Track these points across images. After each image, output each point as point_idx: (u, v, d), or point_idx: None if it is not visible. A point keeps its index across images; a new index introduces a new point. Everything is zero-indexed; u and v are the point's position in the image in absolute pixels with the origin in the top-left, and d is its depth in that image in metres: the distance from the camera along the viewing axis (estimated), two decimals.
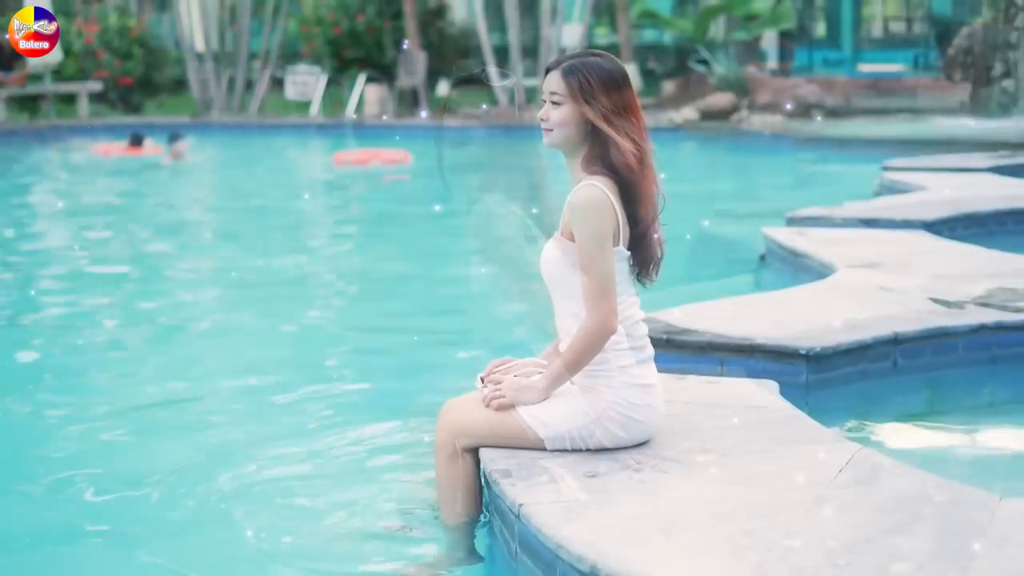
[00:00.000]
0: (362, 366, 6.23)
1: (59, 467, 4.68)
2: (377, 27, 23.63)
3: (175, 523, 4.14)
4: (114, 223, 11.84)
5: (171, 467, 4.64)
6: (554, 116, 3.65)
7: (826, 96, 19.19)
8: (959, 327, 5.31)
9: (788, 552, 2.98)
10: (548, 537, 3.14)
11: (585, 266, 3.58)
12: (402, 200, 13.35)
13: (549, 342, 4.05)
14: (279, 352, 6.60)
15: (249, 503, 4.25)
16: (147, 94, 24.15)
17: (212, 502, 4.28)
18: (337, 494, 4.29)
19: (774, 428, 3.94)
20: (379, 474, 4.49)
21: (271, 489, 4.37)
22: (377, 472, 4.52)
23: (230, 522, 4.09)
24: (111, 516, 4.23)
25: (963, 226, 8.38)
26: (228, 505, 4.23)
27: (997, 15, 17.13)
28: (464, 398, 3.94)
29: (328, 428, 5.11)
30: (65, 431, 5.15)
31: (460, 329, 7.01)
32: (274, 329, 7.15)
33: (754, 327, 5.21)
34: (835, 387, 5.03)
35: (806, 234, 7.70)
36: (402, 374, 6.01)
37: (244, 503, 4.25)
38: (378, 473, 4.51)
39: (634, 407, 3.69)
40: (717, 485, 3.44)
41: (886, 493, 3.35)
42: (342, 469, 4.58)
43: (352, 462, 4.66)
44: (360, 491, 4.29)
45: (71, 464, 4.71)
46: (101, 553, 3.99)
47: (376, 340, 6.81)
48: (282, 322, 7.29)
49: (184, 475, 4.55)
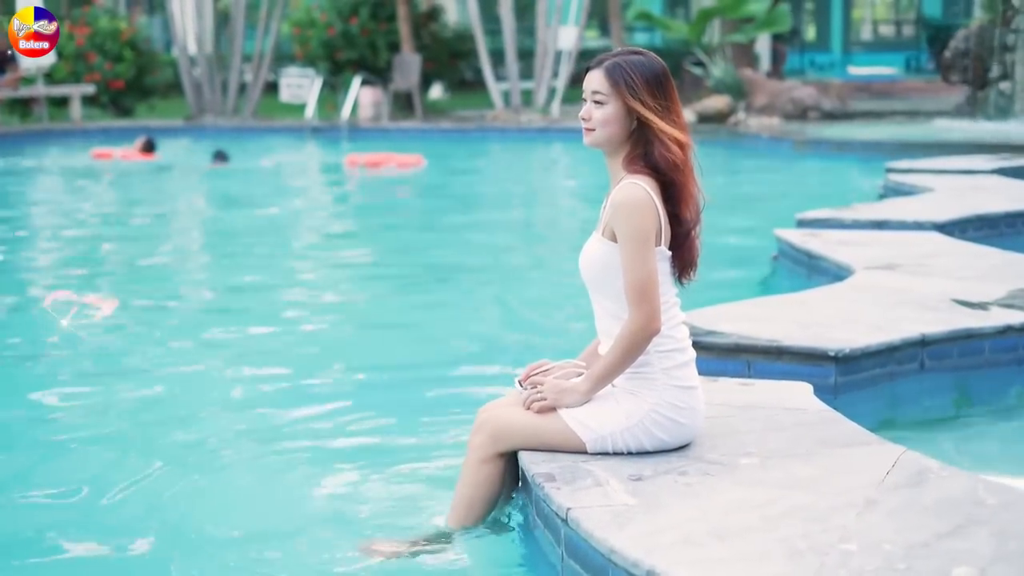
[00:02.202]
0: (382, 370, 6.18)
1: (73, 474, 4.63)
2: (371, 29, 23.56)
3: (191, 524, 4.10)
4: (156, 227, 11.76)
5: (187, 468, 4.61)
6: (597, 115, 3.61)
7: (822, 99, 19.16)
8: (986, 328, 5.28)
9: (846, 556, 2.94)
10: (600, 541, 3.09)
11: (627, 266, 3.54)
12: (423, 204, 13.28)
13: (582, 345, 4.01)
14: (307, 351, 6.60)
15: (264, 499, 4.28)
16: (138, 97, 24.05)
17: (227, 502, 4.26)
18: (348, 501, 4.25)
19: (815, 430, 3.90)
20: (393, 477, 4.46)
21: (291, 489, 4.33)
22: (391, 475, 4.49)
23: (244, 521, 4.06)
24: (118, 519, 4.18)
25: (974, 227, 8.36)
26: (241, 502, 4.20)
27: (995, 17, 17.13)
28: (501, 401, 3.90)
29: (346, 431, 5.09)
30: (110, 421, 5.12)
31: (484, 334, 6.96)
32: (305, 327, 7.16)
33: (780, 329, 5.16)
34: (863, 389, 4.99)
35: (819, 236, 7.66)
36: (425, 379, 5.95)
37: (257, 499, 4.24)
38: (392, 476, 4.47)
39: (677, 409, 3.65)
40: (764, 488, 3.40)
41: (937, 496, 3.32)
42: (362, 473, 4.54)
43: (374, 465, 4.63)
44: (373, 494, 4.27)
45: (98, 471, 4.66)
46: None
47: (401, 346, 6.75)
48: (311, 322, 7.29)
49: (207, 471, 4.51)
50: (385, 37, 23.63)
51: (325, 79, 23.02)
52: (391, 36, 23.58)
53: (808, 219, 8.40)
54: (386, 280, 8.76)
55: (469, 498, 3.70)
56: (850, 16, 37.10)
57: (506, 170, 17.28)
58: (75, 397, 5.71)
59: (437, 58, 24.33)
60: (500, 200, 13.73)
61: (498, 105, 21.91)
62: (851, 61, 34.77)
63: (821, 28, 36.49)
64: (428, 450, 4.78)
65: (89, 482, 4.50)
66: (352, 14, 23.63)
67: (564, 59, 21.90)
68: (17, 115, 22.21)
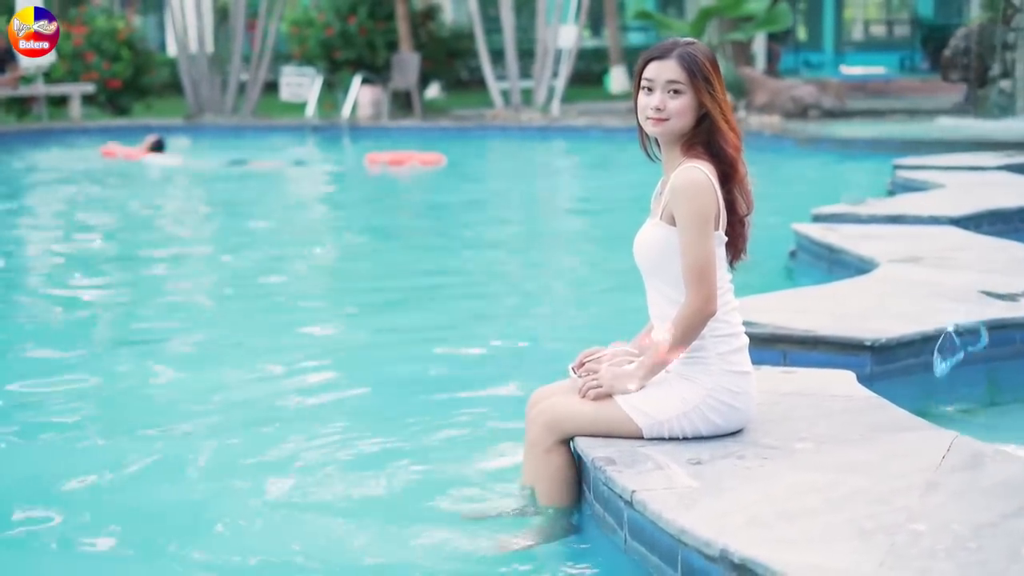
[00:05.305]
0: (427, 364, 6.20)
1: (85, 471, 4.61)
2: (369, 29, 23.59)
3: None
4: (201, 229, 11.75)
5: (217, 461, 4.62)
6: (673, 105, 3.63)
7: (823, 97, 19.23)
8: (1018, 319, 5.32)
9: (916, 536, 2.97)
10: (669, 523, 3.12)
11: (686, 247, 3.58)
12: (444, 201, 13.29)
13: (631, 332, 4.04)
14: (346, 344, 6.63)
15: (330, 483, 4.28)
16: (135, 96, 24.03)
17: (288, 485, 4.27)
18: (419, 485, 4.27)
19: (865, 416, 3.94)
20: (461, 463, 4.48)
21: (351, 472, 4.36)
22: (459, 460, 4.50)
23: (316, 493, 4.07)
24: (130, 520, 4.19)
25: (988, 222, 8.40)
26: (312, 476, 4.21)
27: (995, 16, 17.21)
28: (552, 388, 3.94)
29: (391, 418, 5.11)
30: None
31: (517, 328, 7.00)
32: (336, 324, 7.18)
33: (814, 320, 5.20)
34: (898, 378, 5.03)
35: (838, 230, 7.71)
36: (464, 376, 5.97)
37: (317, 484, 4.24)
38: (461, 461, 4.49)
39: (732, 394, 3.69)
40: (823, 472, 3.43)
41: (997, 478, 3.36)
42: (421, 455, 4.57)
43: (428, 450, 4.65)
44: (444, 480, 4.28)
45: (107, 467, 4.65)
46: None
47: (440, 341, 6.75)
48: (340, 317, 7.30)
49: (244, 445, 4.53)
50: (383, 36, 23.66)
51: (325, 78, 23.03)
52: (389, 35, 23.61)
53: (824, 214, 8.44)
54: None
55: (549, 491, 3.73)
56: (842, 16, 37.23)
57: (516, 168, 17.31)
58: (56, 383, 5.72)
59: (434, 57, 24.37)
60: (508, 199, 13.77)
61: (498, 104, 21.94)
62: (844, 61, 34.87)
63: (813, 28, 36.61)
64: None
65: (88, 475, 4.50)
66: (350, 13, 23.67)
67: (564, 58, 21.94)
68: (14, 114, 22.17)
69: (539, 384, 4.04)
